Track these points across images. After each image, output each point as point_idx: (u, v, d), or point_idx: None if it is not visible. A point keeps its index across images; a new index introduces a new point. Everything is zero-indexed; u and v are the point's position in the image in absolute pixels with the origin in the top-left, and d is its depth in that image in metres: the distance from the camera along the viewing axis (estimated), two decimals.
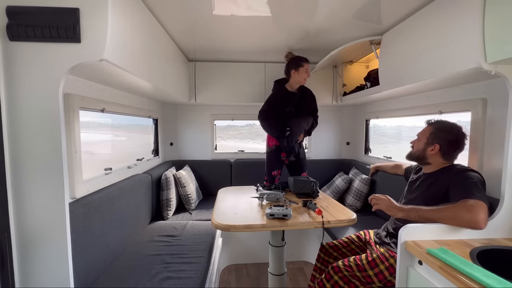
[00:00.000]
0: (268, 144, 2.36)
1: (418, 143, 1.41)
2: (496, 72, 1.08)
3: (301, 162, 2.34)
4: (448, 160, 1.34)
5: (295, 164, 2.34)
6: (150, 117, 2.52)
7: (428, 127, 1.39)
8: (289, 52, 2.31)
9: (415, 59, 1.52)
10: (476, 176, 1.20)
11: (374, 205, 1.36)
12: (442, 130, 1.34)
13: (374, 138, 2.82)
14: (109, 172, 1.71)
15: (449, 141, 1.31)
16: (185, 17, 1.68)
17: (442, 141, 1.32)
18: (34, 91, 0.99)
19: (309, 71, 2.16)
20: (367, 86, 2.23)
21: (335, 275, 1.36)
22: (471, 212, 1.07)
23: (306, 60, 2.14)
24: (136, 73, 1.37)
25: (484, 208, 1.08)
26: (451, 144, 1.31)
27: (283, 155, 2.34)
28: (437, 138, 1.33)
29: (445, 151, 1.32)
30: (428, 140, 1.35)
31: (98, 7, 1.00)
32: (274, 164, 2.35)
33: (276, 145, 2.31)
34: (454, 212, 1.11)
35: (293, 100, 2.23)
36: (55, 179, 1.01)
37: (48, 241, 1.02)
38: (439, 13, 1.34)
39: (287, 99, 2.24)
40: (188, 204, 2.44)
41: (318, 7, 1.53)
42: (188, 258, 1.59)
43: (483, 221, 1.06)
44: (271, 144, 2.33)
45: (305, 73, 2.14)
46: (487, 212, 1.09)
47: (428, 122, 1.41)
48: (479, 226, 1.06)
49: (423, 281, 1.00)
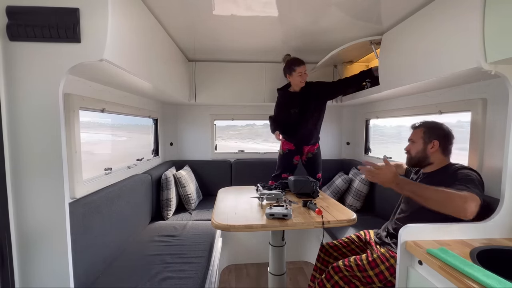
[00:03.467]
0: (282, 147, 2.37)
1: (415, 146, 1.42)
2: (496, 72, 1.08)
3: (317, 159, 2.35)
4: (446, 156, 1.37)
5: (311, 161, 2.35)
6: (150, 117, 2.52)
7: (418, 129, 1.42)
8: (286, 55, 2.29)
9: (415, 59, 1.52)
10: (473, 174, 1.21)
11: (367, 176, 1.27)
12: (433, 127, 1.38)
13: (374, 138, 2.82)
14: (109, 172, 1.71)
15: (444, 135, 1.35)
16: (185, 17, 1.68)
17: (438, 137, 1.35)
18: (34, 91, 0.99)
19: (304, 73, 2.14)
20: (367, 86, 2.22)
21: (335, 275, 1.36)
22: (464, 201, 1.07)
23: (299, 64, 2.11)
24: (136, 73, 1.37)
25: (477, 201, 1.08)
26: (447, 137, 1.35)
27: (296, 158, 2.35)
28: (434, 135, 1.36)
29: (444, 146, 1.35)
30: (425, 139, 1.37)
31: (98, 7, 1.00)
32: (286, 168, 2.36)
33: (290, 149, 2.32)
34: (447, 196, 1.09)
35: (295, 101, 2.22)
36: (55, 179, 1.01)
37: (48, 241, 1.02)
38: (439, 13, 1.33)
39: (290, 101, 2.25)
40: (188, 204, 2.44)
41: (318, 7, 1.53)
42: (188, 258, 1.59)
43: (472, 213, 1.06)
44: (285, 148, 2.34)
45: (298, 77, 2.13)
46: (478, 207, 1.08)
47: (414, 126, 1.45)
48: (466, 215, 1.06)
49: (423, 281, 1.00)
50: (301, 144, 2.31)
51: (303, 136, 2.28)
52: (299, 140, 2.30)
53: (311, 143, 2.32)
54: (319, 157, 2.38)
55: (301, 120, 2.23)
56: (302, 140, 2.30)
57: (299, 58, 2.17)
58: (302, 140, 2.30)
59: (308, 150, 2.33)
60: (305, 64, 2.14)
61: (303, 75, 2.14)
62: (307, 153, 2.34)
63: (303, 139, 2.30)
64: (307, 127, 2.25)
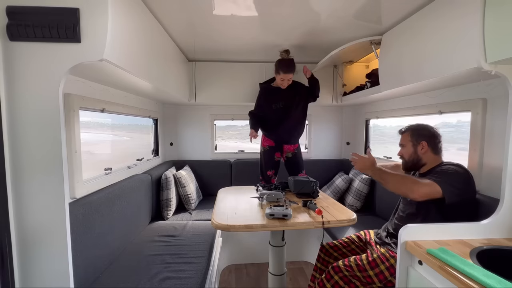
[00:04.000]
0: (262, 144, 2.38)
1: (406, 150, 1.45)
2: (496, 72, 1.08)
3: (297, 160, 2.33)
4: (438, 155, 1.39)
5: (292, 161, 2.34)
6: (150, 117, 2.52)
7: (405, 133, 1.47)
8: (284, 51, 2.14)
9: (415, 59, 1.52)
10: (453, 168, 1.26)
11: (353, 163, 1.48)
12: (418, 129, 1.43)
13: (374, 138, 2.82)
14: (109, 172, 1.71)
15: (430, 135, 1.39)
16: (185, 17, 1.68)
17: (425, 137, 1.39)
18: (34, 91, 0.98)
19: (286, 81, 2.11)
20: (367, 86, 2.22)
21: (335, 275, 1.36)
22: (415, 184, 1.19)
23: (286, 71, 2.06)
24: (136, 73, 1.37)
25: (432, 187, 1.18)
26: (433, 136, 1.39)
27: (277, 155, 2.35)
28: (421, 136, 1.40)
29: (433, 145, 1.39)
30: (413, 142, 1.41)
31: (98, 7, 1.00)
32: (268, 164, 2.36)
33: (270, 146, 2.33)
34: (401, 179, 1.26)
35: (277, 97, 2.21)
36: (55, 179, 1.01)
37: (48, 241, 1.02)
38: (439, 13, 1.33)
39: (272, 96, 2.23)
40: (188, 204, 2.44)
41: (318, 7, 1.53)
42: (188, 258, 1.59)
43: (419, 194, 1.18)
44: (265, 144, 2.35)
45: (280, 81, 2.12)
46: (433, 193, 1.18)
47: (401, 131, 1.50)
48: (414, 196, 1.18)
49: (423, 281, 1.00)
50: (281, 141, 2.32)
51: (284, 134, 2.28)
52: (279, 137, 2.31)
53: (291, 142, 2.32)
54: (299, 157, 2.36)
55: (283, 117, 2.22)
56: (282, 137, 2.31)
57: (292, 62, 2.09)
58: (282, 137, 2.31)
59: (287, 149, 2.33)
60: (292, 73, 2.09)
61: (285, 81, 2.12)
62: (286, 152, 2.34)
63: (283, 137, 2.30)
64: (289, 125, 2.25)
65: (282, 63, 2.09)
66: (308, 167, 2.94)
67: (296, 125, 2.30)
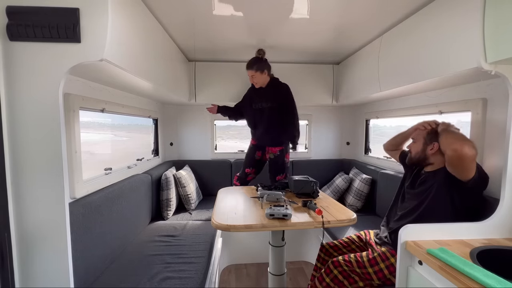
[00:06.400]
0: (251, 141, 2.44)
1: (415, 146, 1.43)
2: (496, 72, 1.08)
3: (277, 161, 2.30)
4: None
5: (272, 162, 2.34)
6: (150, 117, 2.52)
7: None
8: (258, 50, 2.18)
9: (415, 59, 1.52)
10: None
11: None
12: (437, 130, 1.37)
13: (374, 138, 2.82)
14: (109, 172, 1.71)
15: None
16: (185, 17, 1.68)
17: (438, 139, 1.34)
18: (34, 91, 0.98)
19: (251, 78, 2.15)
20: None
21: (334, 269, 1.37)
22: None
23: (247, 67, 2.13)
24: (136, 73, 1.37)
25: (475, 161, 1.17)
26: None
27: (258, 154, 2.37)
28: (435, 137, 1.35)
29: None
30: (426, 140, 1.38)
31: (98, 7, 1.00)
32: (247, 161, 2.41)
33: (253, 144, 2.38)
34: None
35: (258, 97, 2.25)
36: (55, 179, 1.01)
37: (48, 241, 1.02)
38: (439, 13, 1.33)
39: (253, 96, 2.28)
40: (188, 204, 2.44)
41: (318, 7, 1.53)
42: (188, 258, 1.59)
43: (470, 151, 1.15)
44: (251, 142, 2.42)
45: (250, 77, 2.16)
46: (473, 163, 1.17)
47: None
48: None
49: (423, 281, 1.00)
50: (261, 141, 2.34)
51: (260, 135, 2.31)
52: (256, 137, 2.35)
53: (273, 143, 2.29)
54: (280, 160, 2.29)
55: (258, 118, 2.26)
56: (258, 138, 2.34)
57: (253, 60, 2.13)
58: (258, 138, 2.34)
59: (270, 150, 2.32)
60: (251, 70, 2.11)
61: (251, 78, 2.16)
62: (269, 152, 2.33)
63: (263, 137, 2.31)
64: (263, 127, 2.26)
65: (249, 60, 2.16)
66: (308, 167, 2.95)
67: (273, 128, 2.23)
